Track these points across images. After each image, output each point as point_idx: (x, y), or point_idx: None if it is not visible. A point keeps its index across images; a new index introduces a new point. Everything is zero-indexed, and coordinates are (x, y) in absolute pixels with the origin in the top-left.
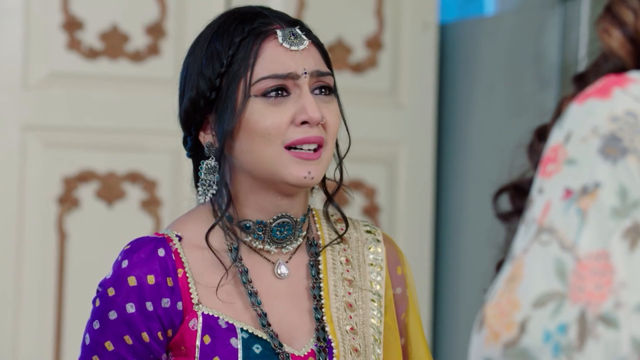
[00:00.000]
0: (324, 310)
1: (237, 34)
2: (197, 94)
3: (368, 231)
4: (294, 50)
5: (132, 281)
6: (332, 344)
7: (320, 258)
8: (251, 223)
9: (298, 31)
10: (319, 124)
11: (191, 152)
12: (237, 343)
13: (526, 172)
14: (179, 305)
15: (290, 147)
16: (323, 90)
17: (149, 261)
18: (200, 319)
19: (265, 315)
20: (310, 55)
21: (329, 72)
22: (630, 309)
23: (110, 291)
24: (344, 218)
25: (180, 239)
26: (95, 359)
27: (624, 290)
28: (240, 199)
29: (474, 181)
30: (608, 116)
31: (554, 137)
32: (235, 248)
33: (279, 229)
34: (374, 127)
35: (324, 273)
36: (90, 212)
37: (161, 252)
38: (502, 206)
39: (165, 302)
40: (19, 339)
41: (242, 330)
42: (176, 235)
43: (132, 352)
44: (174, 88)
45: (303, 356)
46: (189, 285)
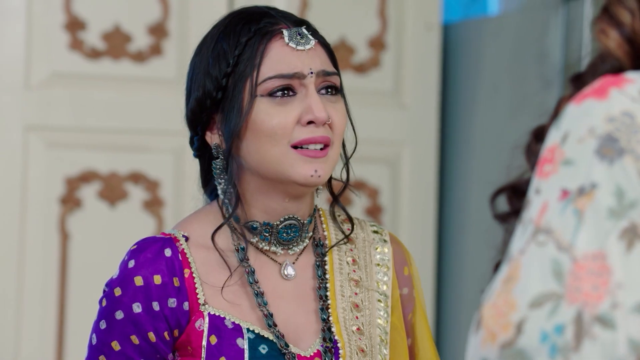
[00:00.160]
0: (330, 311)
1: (244, 34)
2: (204, 93)
3: (375, 231)
4: (300, 50)
5: (139, 281)
6: (339, 344)
7: (326, 258)
8: (258, 224)
9: (304, 31)
10: (325, 123)
11: (198, 152)
12: (244, 343)
13: (524, 173)
14: (186, 305)
15: (297, 147)
16: (329, 90)
17: (156, 261)
18: (206, 319)
19: (271, 315)
20: (316, 55)
21: (335, 72)
22: (627, 309)
23: (117, 291)
24: (350, 218)
25: (186, 239)
26: (102, 359)
27: (620, 291)
28: (248, 199)
29: (477, 181)
30: (605, 117)
31: (551, 138)
32: (242, 248)
33: (286, 230)
34: (376, 128)
35: (330, 273)
36: (92, 213)
37: (168, 252)
38: (501, 207)
39: (172, 302)
40: (20, 339)
41: (249, 330)
42: (183, 236)
43: (139, 352)
44: (176, 88)
45: (309, 356)
46: (196, 286)
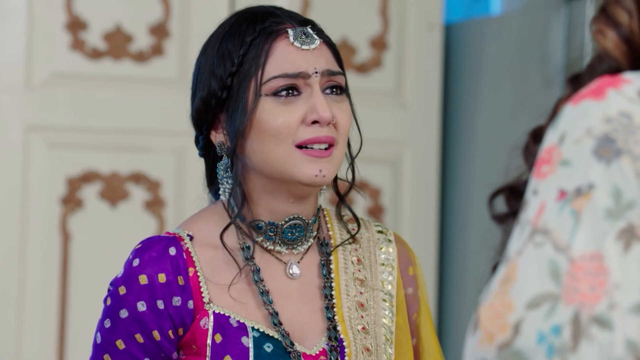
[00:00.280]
0: (335, 310)
1: (249, 34)
2: (209, 93)
3: (379, 231)
4: (305, 50)
5: (143, 280)
6: (344, 343)
7: (331, 258)
8: (263, 223)
9: (309, 30)
10: (330, 123)
11: (203, 152)
12: (249, 342)
13: (522, 174)
14: (190, 304)
15: (301, 147)
16: (334, 89)
17: (160, 260)
18: (211, 317)
19: (276, 314)
20: (321, 55)
21: (340, 72)
22: (624, 310)
23: (122, 290)
24: (356, 218)
25: (191, 238)
26: (107, 358)
27: (618, 292)
28: (254, 199)
29: (478, 181)
30: (602, 117)
31: (549, 139)
32: (248, 247)
33: (291, 230)
34: (378, 128)
35: (335, 273)
36: (93, 213)
37: (172, 251)
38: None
39: (176, 301)
40: (22, 339)
41: (253, 329)
42: (187, 235)
43: (143, 351)
44: (177, 88)
45: (314, 355)
46: (200, 284)
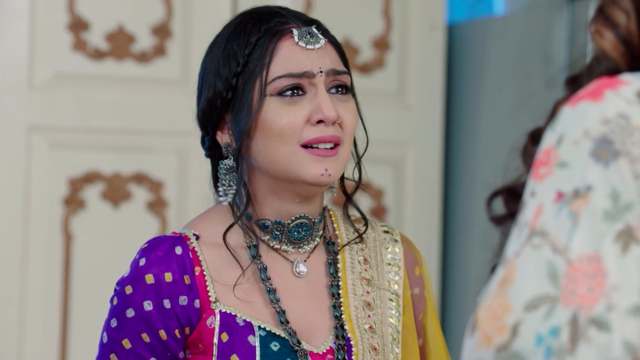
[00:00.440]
0: (342, 309)
1: (254, 34)
2: (214, 93)
3: (386, 231)
4: (309, 49)
5: (150, 279)
6: (351, 342)
7: (338, 257)
8: (269, 222)
9: (314, 30)
10: (335, 123)
11: (209, 152)
12: (255, 340)
13: (521, 176)
14: (197, 303)
15: (307, 146)
16: (339, 89)
17: (166, 259)
18: (217, 316)
19: (283, 312)
20: (326, 54)
21: (345, 71)
22: (622, 312)
23: (128, 289)
24: (364, 217)
25: (197, 237)
26: (113, 357)
27: (616, 293)
28: (260, 198)
29: (481, 182)
30: (600, 119)
31: (547, 140)
32: (255, 245)
33: (297, 229)
34: (381, 128)
35: (342, 272)
36: (96, 213)
37: (178, 250)
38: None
39: (183, 300)
40: (24, 340)
41: (260, 328)
42: (193, 234)
43: (150, 350)
44: (180, 89)
45: (322, 353)
46: (206, 283)
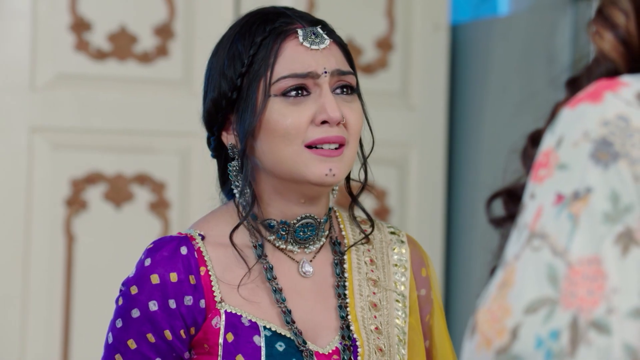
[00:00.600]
0: (348, 309)
1: (259, 34)
2: (219, 94)
3: (392, 232)
4: (314, 50)
5: (155, 279)
6: (357, 342)
7: (344, 257)
8: (275, 222)
9: (319, 30)
10: (340, 123)
11: (215, 153)
12: (260, 341)
13: (520, 178)
14: (202, 303)
15: (311, 147)
16: (345, 89)
17: (172, 259)
18: (223, 316)
19: (289, 312)
20: (331, 55)
21: (350, 72)
22: (622, 314)
23: (133, 289)
24: (370, 218)
25: (202, 237)
26: (118, 358)
27: (616, 296)
28: (265, 198)
29: (485, 183)
30: (599, 120)
31: (546, 142)
32: (260, 245)
33: (303, 229)
34: (384, 129)
35: (348, 272)
36: (98, 214)
37: (184, 250)
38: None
39: (188, 300)
40: (26, 341)
41: (265, 328)
42: (199, 234)
43: (155, 350)
44: (182, 89)
45: (327, 354)
46: (212, 283)
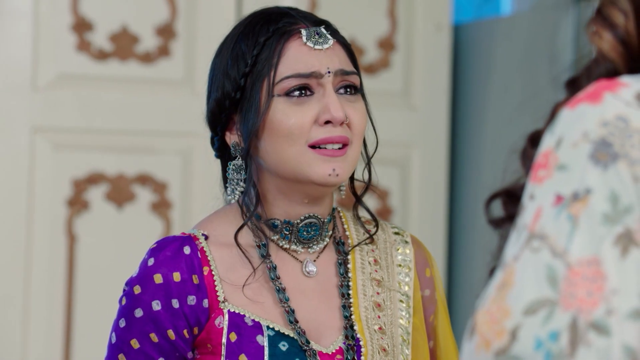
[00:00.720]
0: (352, 309)
1: (262, 34)
2: (223, 94)
3: (396, 232)
4: (317, 50)
5: (158, 279)
6: (361, 342)
7: (348, 257)
8: (279, 222)
9: (323, 30)
10: (343, 123)
11: (219, 153)
12: (264, 340)
13: (520, 178)
14: (205, 302)
15: (315, 146)
16: (348, 89)
17: (175, 259)
18: (226, 316)
19: (292, 311)
20: (335, 55)
21: (354, 72)
22: (622, 315)
23: (137, 289)
24: (374, 219)
25: (206, 237)
26: (121, 357)
27: (615, 297)
28: (269, 198)
29: (487, 183)
30: (599, 121)
31: (546, 143)
32: (264, 244)
33: (306, 229)
34: (386, 129)
35: (352, 272)
36: (99, 215)
37: (187, 250)
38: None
39: (191, 300)
40: (28, 341)
41: (268, 327)
42: (202, 234)
43: (158, 350)
44: (184, 89)
45: (331, 354)
46: (215, 283)
